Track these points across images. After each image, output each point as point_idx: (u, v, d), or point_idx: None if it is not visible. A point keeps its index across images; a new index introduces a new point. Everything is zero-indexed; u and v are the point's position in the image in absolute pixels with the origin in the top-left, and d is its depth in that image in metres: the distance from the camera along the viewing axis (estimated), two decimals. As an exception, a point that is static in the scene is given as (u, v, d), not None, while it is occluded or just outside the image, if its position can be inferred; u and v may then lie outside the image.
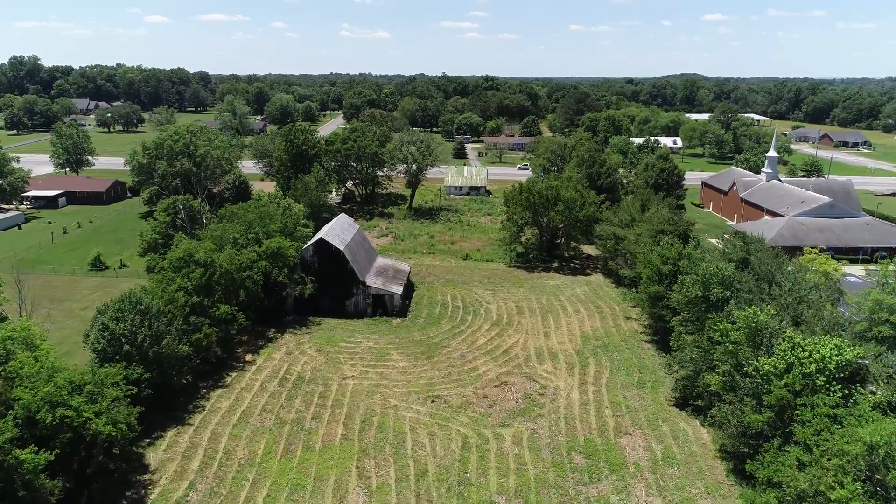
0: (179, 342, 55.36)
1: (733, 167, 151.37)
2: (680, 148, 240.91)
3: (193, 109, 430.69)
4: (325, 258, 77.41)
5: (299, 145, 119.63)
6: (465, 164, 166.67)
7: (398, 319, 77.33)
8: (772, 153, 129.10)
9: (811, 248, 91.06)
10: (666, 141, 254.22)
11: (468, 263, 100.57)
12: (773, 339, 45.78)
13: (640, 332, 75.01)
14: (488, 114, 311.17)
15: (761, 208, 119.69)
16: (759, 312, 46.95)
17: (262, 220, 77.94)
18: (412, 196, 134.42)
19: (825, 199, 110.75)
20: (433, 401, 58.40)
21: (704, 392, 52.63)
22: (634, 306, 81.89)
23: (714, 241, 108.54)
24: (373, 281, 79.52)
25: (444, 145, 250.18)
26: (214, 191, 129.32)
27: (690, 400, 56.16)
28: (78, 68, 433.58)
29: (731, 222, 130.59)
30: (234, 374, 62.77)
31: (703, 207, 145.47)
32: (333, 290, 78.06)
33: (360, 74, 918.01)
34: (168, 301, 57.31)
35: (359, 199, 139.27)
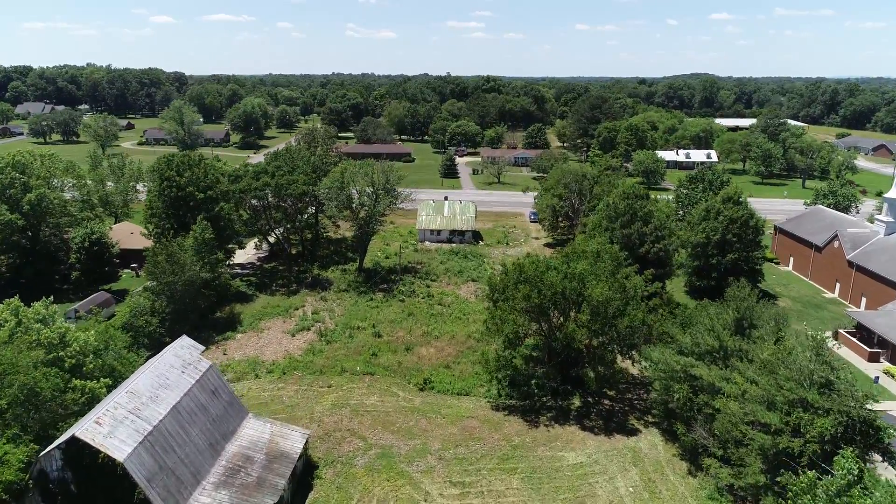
0: None
1: (820, 206, 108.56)
2: (714, 163, 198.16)
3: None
4: (87, 474, 36.05)
5: (181, 186, 77.80)
6: (446, 197, 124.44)
7: None
8: (894, 193, 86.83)
9: None
10: (698, 155, 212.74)
11: (426, 401, 58.74)
12: None
13: None
14: (488, 120, 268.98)
15: (891, 283, 77.43)
16: None
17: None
18: (362, 255, 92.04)
19: None
20: None
21: None
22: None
23: (826, 336, 65.33)
24: (200, 512, 37.97)
25: (432, 159, 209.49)
26: (71, 251, 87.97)
27: None
28: (37, 68, 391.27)
29: (831, 295, 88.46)
30: None
31: (778, 263, 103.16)
32: (110, 538, 36.76)
33: (363, 74, 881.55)
34: None
35: (287, 255, 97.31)
